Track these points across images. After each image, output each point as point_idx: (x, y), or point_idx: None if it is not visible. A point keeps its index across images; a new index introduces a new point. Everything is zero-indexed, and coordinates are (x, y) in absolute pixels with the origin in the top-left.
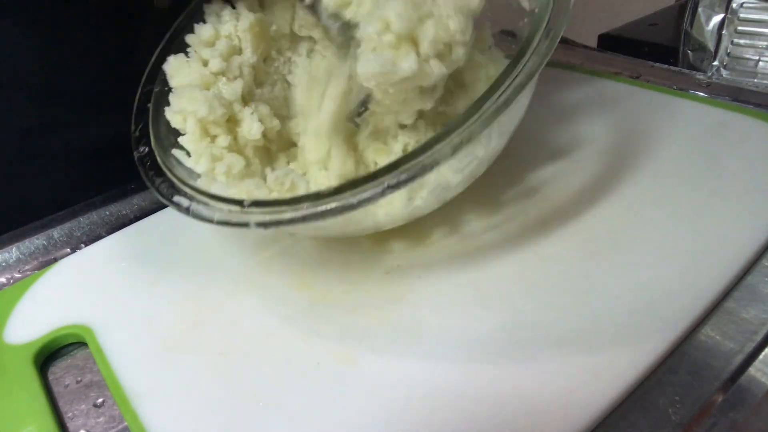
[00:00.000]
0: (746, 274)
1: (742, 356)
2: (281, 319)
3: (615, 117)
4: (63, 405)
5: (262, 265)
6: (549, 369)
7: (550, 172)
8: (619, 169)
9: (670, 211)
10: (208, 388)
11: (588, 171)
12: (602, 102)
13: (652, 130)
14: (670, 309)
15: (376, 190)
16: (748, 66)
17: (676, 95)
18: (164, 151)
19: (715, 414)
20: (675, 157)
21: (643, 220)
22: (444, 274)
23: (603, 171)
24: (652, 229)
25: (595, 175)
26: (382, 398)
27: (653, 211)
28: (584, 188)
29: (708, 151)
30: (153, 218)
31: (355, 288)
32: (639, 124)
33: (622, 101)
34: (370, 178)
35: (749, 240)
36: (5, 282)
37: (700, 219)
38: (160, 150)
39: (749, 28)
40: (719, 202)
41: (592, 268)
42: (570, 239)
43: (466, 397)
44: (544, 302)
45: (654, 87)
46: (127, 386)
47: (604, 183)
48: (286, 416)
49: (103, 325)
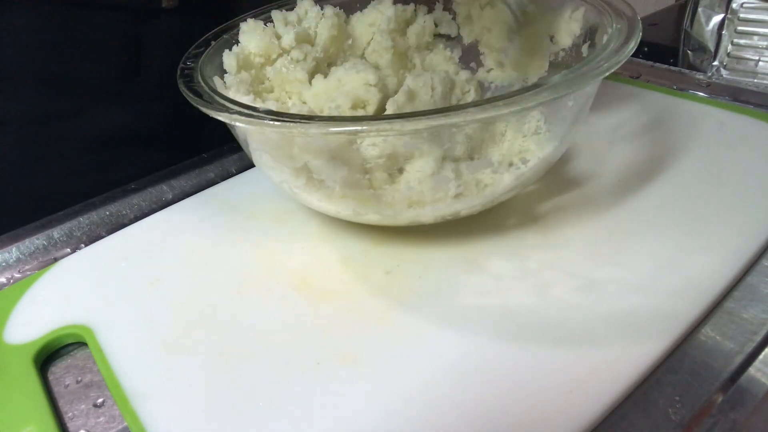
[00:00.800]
0: (746, 274)
1: (742, 356)
2: (281, 319)
3: (614, 117)
4: (63, 405)
5: (262, 265)
6: (549, 369)
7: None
8: (619, 170)
9: (669, 211)
10: (208, 388)
11: (587, 171)
12: (602, 102)
13: (651, 130)
14: (669, 309)
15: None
16: (748, 66)
17: (676, 95)
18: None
19: (715, 414)
20: (675, 157)
21: (642, 219)
22: (444, 274)
23: (602, 171)
24: (651, 229)
25: (594, 176)
26: (382, 398)
27: (653, 211)
28: (582, 188)
29: (708, 151)
30: (153, 218)
31: (355, 288)
32: (638, 125)
33: (622, 101)
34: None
35: (749, 240)
36: (5, 282)
37: (699, 219)
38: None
39: (749, 28)
40: (719, 201)
41: (592, 268)
42: (570, 240)
43: (465, 397)
44: (544, 303)
45: (654, 87)
46: (127, 386)
47: (603, 183)
48: (286, 416)
49: (103, 325)
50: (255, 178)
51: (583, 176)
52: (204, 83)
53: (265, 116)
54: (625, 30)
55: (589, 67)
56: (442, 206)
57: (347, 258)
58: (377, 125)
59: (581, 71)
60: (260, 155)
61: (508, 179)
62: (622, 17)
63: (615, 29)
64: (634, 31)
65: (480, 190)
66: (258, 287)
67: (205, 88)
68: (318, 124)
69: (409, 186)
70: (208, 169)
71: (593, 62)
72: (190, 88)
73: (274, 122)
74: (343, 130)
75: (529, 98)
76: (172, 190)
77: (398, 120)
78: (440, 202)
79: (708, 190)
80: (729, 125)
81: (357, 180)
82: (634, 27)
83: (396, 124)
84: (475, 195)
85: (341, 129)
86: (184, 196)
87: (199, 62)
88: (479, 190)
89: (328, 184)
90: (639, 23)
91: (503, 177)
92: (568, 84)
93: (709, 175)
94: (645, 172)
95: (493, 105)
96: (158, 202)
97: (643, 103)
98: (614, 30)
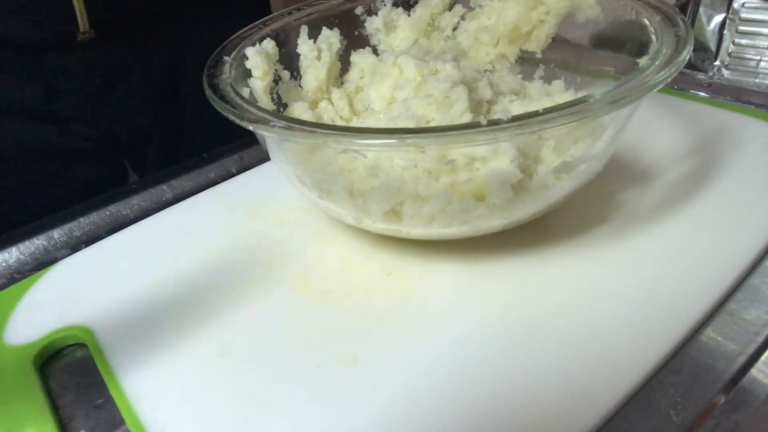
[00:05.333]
0: (748, 275)
1: (744, 358)
2: (282, 320)
3: None
4: (63, 406)
5: (263, 266)
6: (551, 371)
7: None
8: (618, 170)
9: (670, 211)
10: (208, 389)
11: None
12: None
13: (652, 130)
14: (671, 310)
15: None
16: (749, 66)
17: (676, 95)
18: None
19: (717, 416)
20: (675, 157)
21: (643, 220)
22: (445, 275)
23: (601, 171)
24: (652, 230)
25: (594, 177)
26: (382, 399)
27: (653, 211)
28: (582, 189)
29: (709, 152)
30: (153, 218)
31: (356, 289)
32: (639, 125)
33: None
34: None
35: (751, 241)
36: (5, 282)
37: (701, 220)
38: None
39: (750, 28)
40: (720, 202)
41: (593, 270)
42: (571, 241)
43: (466, 398)
44: (546, 305)
45: None
46: (127, 387)
47: (603, 184)
48: (286, 417)
49: (103, 326)
50: (255, 178)
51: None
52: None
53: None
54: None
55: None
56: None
57: (348, 259)
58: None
59: (645, 81)
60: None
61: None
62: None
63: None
64: (686, 41)
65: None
66: (258, 288)
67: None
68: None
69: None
70: (208, 169)
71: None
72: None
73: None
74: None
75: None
76: (172, 190)
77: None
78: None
79: (709, 191)
80: (730, 125)
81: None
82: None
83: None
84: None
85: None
86: (184, 196)
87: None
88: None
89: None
90: (691, 32)
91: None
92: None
93: (710, 176)
94: (645, 172)
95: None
96: (158, 202)
97: (644, 102)
98: (661, 37)
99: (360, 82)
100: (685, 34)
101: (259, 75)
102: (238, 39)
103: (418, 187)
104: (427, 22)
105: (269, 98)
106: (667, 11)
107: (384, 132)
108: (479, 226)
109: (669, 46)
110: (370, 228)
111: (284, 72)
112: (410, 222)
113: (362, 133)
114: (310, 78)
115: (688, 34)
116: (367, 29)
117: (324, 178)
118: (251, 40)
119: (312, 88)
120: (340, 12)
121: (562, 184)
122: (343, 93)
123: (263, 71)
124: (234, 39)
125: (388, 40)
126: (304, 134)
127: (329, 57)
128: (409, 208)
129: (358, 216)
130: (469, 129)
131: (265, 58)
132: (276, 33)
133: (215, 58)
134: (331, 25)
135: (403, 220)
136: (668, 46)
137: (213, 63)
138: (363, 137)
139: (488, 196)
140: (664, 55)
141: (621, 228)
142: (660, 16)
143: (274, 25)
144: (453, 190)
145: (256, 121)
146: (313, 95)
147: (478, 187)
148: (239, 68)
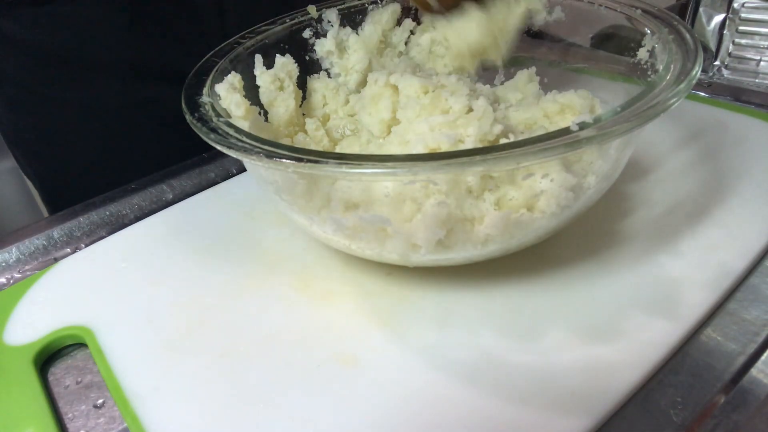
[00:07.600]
0: (749, 275)
1: (744, 357)
2: (282, 320)
3: None
4: (63, 406)
5: (264, 267)
6: (550, 371)
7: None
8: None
9: (670, 211)
10: (208, 389)
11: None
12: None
13: (652, 130)
14: (671, 310)
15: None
16: (749, 66)
17: None
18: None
19: (717, 415)
20: (676, 157)
21: (642, 220)
22: (446, 275)
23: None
24: (652, 230)
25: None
26: (382, 399)
27: (653, 211)
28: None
29: (709, 151)
30: (153, 218)
31: (356, 289)
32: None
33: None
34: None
35: (752, 240)
36: (5, 282)
37: (701, 220)
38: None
39: (751, 28)
40: (720, 202)
41: (593, 269)
42: (569, 241)
43: (466, 398)
44: (545, 305)
45: None
46: (127, 387)
47: (602, 184)
48: (286, 417)
49: (103, 326)
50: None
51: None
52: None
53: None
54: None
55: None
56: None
57: (348, 259)
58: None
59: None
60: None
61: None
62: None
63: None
64: (697, 57)
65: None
66: (259, 288)
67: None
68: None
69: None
70: (208, 169)
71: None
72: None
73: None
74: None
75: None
76: (172, 190)
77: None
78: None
79: (709, 191)
80: (730, 125)
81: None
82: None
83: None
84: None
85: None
86: (184, 196)
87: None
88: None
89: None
90: (700, 48)
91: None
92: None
93: (710, 176)
94: (644, 172)
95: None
96: (158, 202)
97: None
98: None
99: (324, 109)
100: (694, 48)
101: (241, 114)
102: (202, 72)
103: (463, 210)
104: (379, 39)
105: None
106: (677, 27)
107: (449, 156)
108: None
109: (678, 61)
110: (419, 262)
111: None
112: (463, 247)
113: (425, 161)
114: (279, 111)
115: (698, 50)
116: (317, 53)
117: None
118: (217, 74)
119: (284, 121)
120: (287, 36)
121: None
122: (317, 122)
123: (245, 109)
124: (198, 71)
125: (342, 63)
126: (373, 174)
127: (292, 85)
128: (460, 233)
129: (405, 252)
130: (542, 142)
131: (239, 93)
132: (233, 65)
133: (189, 98)
134: (282, 51)
135: (454, 247)
136: (677, 61)
137: (191, 104)
138: (432, 167)
139: (542, 208)
140: (673, 71)
141: (619, 228)
142: (667, 28)
143: (231, 55)
144: (500, 206)
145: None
146: (285, 129)
147: (528, 201)
148: (215, 108)
